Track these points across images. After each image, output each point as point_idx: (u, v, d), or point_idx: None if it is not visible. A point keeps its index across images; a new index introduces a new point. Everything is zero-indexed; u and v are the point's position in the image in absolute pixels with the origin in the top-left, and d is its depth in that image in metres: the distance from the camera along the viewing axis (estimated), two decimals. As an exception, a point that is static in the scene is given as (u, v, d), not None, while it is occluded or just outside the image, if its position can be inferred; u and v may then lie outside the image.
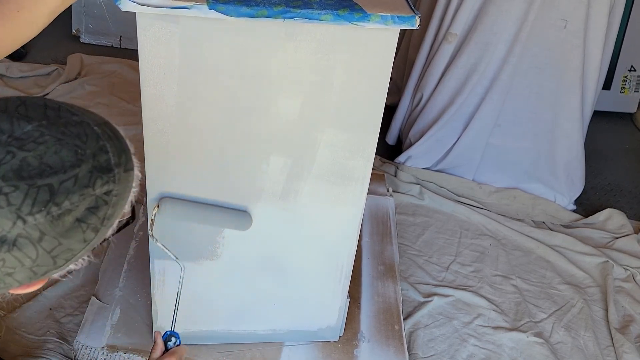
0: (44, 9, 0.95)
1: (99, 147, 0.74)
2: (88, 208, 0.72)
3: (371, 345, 1.68)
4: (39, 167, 0.68)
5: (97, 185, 0.72)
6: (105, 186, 0.73)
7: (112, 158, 0.75)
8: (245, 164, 1.33)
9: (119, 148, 0.77)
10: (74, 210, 0.70)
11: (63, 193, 0.69)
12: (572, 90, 2.35)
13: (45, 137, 0.70)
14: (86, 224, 0.72)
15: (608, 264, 2.20)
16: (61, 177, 0.69)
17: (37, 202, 0.68)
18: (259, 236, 1.44)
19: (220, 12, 1.10)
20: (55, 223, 0.69)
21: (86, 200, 0.71)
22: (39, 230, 0.69)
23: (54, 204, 0.69)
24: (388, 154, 2.65)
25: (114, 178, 0.74)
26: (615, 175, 2.78)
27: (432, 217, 2.33)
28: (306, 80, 1.24)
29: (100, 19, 3.13)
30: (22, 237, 0.68)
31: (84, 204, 0.71)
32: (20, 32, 0.95)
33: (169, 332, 1.30)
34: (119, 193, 0.75)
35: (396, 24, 1.16)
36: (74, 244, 0.72)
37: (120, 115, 2.59)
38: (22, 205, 0.67)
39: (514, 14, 2.24)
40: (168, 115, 1.25)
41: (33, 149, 0.69)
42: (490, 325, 1.93)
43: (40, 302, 1.76)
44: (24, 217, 0.67)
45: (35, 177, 0.68)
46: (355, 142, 1.33)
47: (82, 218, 0.71)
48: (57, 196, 0.69)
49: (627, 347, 1.91)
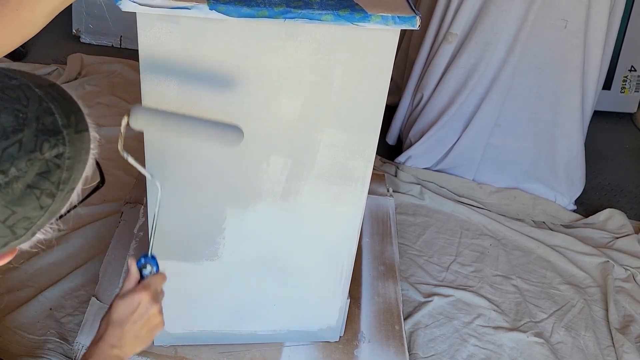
0: (43, 9, 0.95)
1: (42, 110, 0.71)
2: (38, 173, 0.69)
3: (371, 346, 1.68)
4: None
5: (45, 149, 0.69)
6: (54, 149, 0.70)
7: (59, 119, 0.72)
8: (245, 164, 1.33)
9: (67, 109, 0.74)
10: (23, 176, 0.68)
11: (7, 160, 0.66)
12: (572, 90, 2.35)
13: None
14: (39, 189, 0.69)
15: (608, 264, 2.20)
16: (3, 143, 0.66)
17: None
18: (259, 236, 1.45)
19: (220, 12, 1.10)
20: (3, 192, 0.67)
21: (35, 166, 0.68)
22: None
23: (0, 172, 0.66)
24: (388, 154, 2.65)
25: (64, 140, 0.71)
26: (615, 175, 2.78)
27: (432, 217, 2.33)
28: (307, 81, 1.24)
29: (100, 19, 3.14)
30: None
31: (33, 170, 0.68)
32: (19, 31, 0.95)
33: (144, 259, 1.15)
34: (73, 155, 0.72)
35: (397, 24, 1.16)
36: (30, 212, 0.70)
37: (120, 115, 2.57)
38: None
39: (514, 14, 2.24)
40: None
41: None
42: (490, 325, 1.93)
43: (40, 302, 1.76)
44: None
45: None
46: (356, 142, 1.33)
47: (33, 184, 0.69)
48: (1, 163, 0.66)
49: (627, 347, 1.91)
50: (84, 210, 2.05)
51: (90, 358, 1.08)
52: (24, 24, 0.95)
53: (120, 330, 1.09)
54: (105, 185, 0.84)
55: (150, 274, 1.15)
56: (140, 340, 1.12)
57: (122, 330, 1.09)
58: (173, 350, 1.58)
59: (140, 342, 1.12)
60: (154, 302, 1.13)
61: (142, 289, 1.11)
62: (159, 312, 1.14)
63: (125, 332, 1.10)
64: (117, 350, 1.09)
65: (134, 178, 2.14)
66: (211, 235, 1.43)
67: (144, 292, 1.11)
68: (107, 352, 1.08)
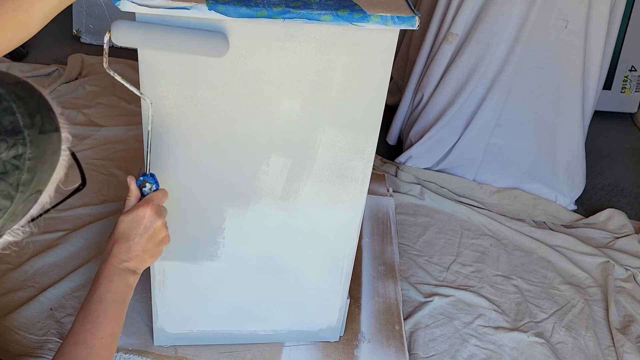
0: (41, 10, 0.95)
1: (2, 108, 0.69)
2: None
3: (371, 346, 1.68)
4: None
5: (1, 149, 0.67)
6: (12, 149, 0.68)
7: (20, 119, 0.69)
8: (245, 165, 1.33)
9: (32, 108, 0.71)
10: None
11: None
12: (572, 90, 2.35)
13: None
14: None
15: (609, 264, 2.20)
16: None
17: None
18: (259, 236, 1.45)
19: (219, 12, 1.10)
20: None
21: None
22: None
23: None
24: (388, 154, 2.65)
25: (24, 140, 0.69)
26: (616, 175, 2.78)
27: (432, 217, 2.33)
28: (306, 81, 1.24)
29: (100, 19, 3.14)
30: None
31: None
32: (17, 32, 0.95)
33: (142, 177, 1.16)
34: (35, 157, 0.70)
35: (396, 24, 1.16)
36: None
37: (120, 115, 2.59)
38: None
39: (515, 14, 2.24)
40: (168, 116, 1.25)
41: None
42: (491, 326, 1.93)
43: (40, 302, 1.76)
44: None
45: None
46: (356, 142, 1.33)
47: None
48: None
49: (628, 347, 1.91)
50: (84, 210, 2.05)
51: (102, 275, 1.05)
52: (21, 24, 0.94)
53: (127, 244, 1.08)
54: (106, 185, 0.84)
55: (150, 191, 1.15)
56: (148, 254, 1.10)
57: (128, 244, 1.08)
58: (173, 350, 1.58)
59: (149, 256, 1.11)
60: (158, 215, 1.12)
61: (144, 204, 1.11)
62: (164, 225, 1.13)
63: (133, 245, 1.08)
64: (127, 263, 1.07)
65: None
66: (211, 235, 1.43)
67: (146, 206, 1.10)
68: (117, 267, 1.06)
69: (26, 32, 0.96)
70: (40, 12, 0.95)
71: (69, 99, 2.68)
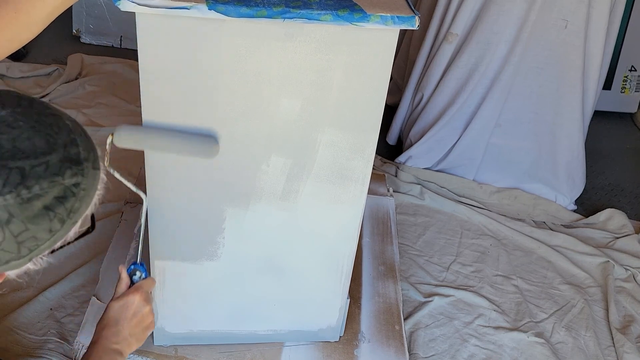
0: (42, 12, 0.95)
1: (70, 140, 0.75)
2: (56, 197, 0.73)
3: (372, 346, 1.68)
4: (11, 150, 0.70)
5: (66, 175, 0.73)
6: (74, 177, 0.74)
7: (82, 152, 0.76)
8: (245, 165, 1.33)
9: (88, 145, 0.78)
10: (43, 196, 0.72)
11: (34, 177, 0.71)
12: (572, 90, 2.35)
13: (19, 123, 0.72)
14: (54, 212, 0.73)
15: (609, 264, 2.20)
16: (32, 162, 0.71)
17: (8, 183, 0.69)
18: (259, 236, 1.45)
19: (219, 12, 1.10)
20: (24, 206, 0.70)
21: (55, 189, 0.72)
22: (8, 211, 0.70)
23: (25, 187, 0.70)
24: (388, 154, 2.65)
25: (83, 172, 0.76)
26: (615, 175, 2.78)
27: (432, 217, 2.33)
28: (306, 81, 1.24)
29: (100, 19, 3.14)
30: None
31: (53, 192, 0.72)
32: (18, 34, 0.95)
33: (133, 265, 1.23)
34: (87, 188, 0.76)
35: (396, 24, 1.16)
36: (39, 232, 0.73)
37: (120, 115, 2.59)
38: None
39: (515, 14, 2.24)
40: (168, 115, 1.25)
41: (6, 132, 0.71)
42: (491, 325, 1.93)
43: (40, 302, 1.76)
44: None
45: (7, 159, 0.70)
46: (356, 142, 1.33)
47: (50, 206, 0.72)
48: (27, 180, 0.70)
49: (627, 347, 1.91)
50: (84, 210, 2.05)
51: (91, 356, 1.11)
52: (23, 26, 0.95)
53: (116, 328, 1.15)
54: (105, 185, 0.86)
55: (139, 279, 1.22)
56: (135, 338, 1.17)
57: (117, 328, 1.15)
58: (173, 350, 1.58)
59: (135, 340, 1.17)
60: (146, 302, 1.19)
61: (134, 290, 1.18)
62: (151, 312, 1.21)
63: (121, 329, 1.15)
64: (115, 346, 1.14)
65: (134, 178, 2.14)
66: (211, 235, 1.43)
67: (136, 293, 1.18)
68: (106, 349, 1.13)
69: (28, 34, 0.96)
70: (41, 14, 0.95)
71: (69, 99, 2.68)
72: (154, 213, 1.37)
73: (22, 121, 0.72)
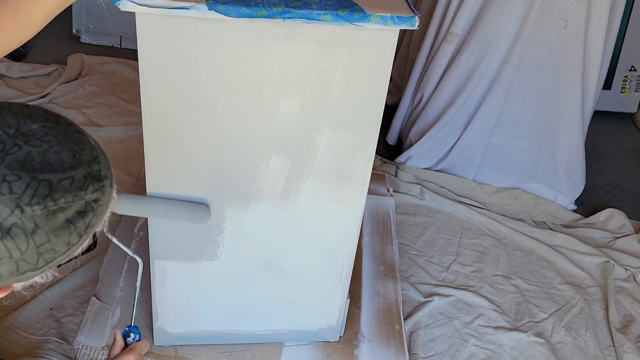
0: (42, 10, 0.95)
1: (93, 157, 0.78)
2: (78, 211, 0.75)
3: (371, 346, 1.68)
4: (41, 163, 0.72)
5: (89, 191, 0.76)
6: (95, 193, 0.77)
7: (102, 169, 0.79)
8: (245, 164, 1.33)
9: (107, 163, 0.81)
10: (67, 209, 0.74)
11: (60, 191, 0.73)
12: (572, 90, 2.35)
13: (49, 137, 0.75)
14: (74, 226, 0.75)
15: (609, 263, 2.20)
16: (60, 175, 0.73)
17: (36, 195, 0.71)
18: (259, 236, 1.45)
19: (219, 12, 1.10)
20: (49, 218, 0.72)
21: (77, 203, 0.75)
22: (34, 222, 0.71)
23: (52, 199, 0.72)
24: (388, 154, 2.65)
25: (103, 188, 0.78)
26: (615, 175, 2.78)
27: (432, 217, 2.33)
28: (306, 81, 1.24)
29: (100, 19, 3.14)
30: (17, 226, 0.70)
31: (75, 206, 0.74)
32: (17, 32, 0.95)
33: (127, 328, 1.29)
34: (103, 204, 0.79)
35: (396, 24, 1.16)
36: (59, 245, 0.75)
37: (120, 115, 2.59)
38: (22, 195, 0.70)
39: (514, 14, 2.24)
40: (168, 115, 1.25)
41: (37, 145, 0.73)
42: (490, 325, 1.93)
43: (40, 302, 1.76)
44: (22, 206, 0.70)
45: (37, 171, 0.72)
46: (356, 142, 1.33)
47: (71, 219, 0.75)
48: (54, 192, 0.72)
49: (627, 347, 1.91)
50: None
51: None
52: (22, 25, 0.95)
53: None
54: None
55: (133, 341, 1.28)
56: None
57: None
58: (173, 350, 1.58)
59: None
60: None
61: (128, 352, 1.24)
62: None
63: None
64: None
65: (134, 178, 2.14)
66: (211, 235, 1.43)
67: (130, 353, 1.23)
68: None
69: (27, 32, 0.96)
70: (41, 13, 0.95)
71: (69, 99, 2.68)
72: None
73: (52, 135, 0.75)
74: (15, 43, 0.96)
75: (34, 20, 0.95)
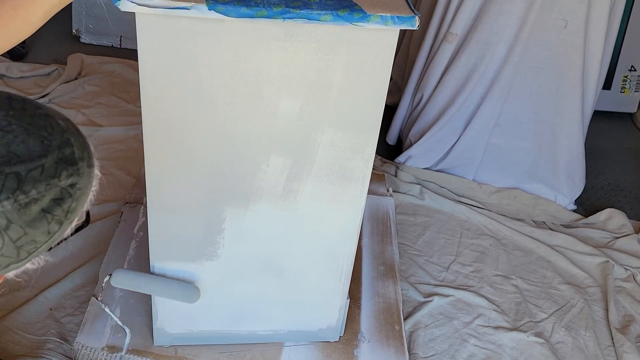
0: (41, 9, 0.95)
1: (64, 140, 0.75)
2: (53, 199, 0.73)
3: (371, 346, 1.68)
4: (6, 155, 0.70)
5: (62, 177, 0.73)
6: (70, 178, 0.74)
7: (76, 151, 0.76)
8: (245, 164, 1.33)
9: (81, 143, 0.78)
10: (40, 199, 0.71)
11: (30, 182, 0.70)
12: (572, 90, 2.35)
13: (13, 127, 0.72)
14: (51, 214, 0.73)
15: (608, 263, 2.20)
16: (28, 165, 0.71)
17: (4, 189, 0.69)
18: (259, 236, 1.45)
19: (219, 12, 1.10)
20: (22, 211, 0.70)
21: (52, 191, 0.72)
22: (6, 218, 0.69)
23: (22, 192, 0.70)
24: (388, 154, 2.65)
25: (79, 171, 0.75)
26: (615, 175, 2.78)
27: (432, 217, 2.33)
28: (306, 81, 1.24)
29: (100, 19, 3.14)
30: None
31: (50, 195, 0.72)
32: (16, 30, 0.95)
33: None
34: (82, 187, 0.76)
35: (396, 25, 1.16)
36: (38, 235, 0.73)
37: (120, 115, 2.59)
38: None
39: (514, 14, 2.24)
40: (168, 115, 1.25)
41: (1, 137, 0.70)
42: (490, 325, 1.93)
43: (40, 302, 1.76)
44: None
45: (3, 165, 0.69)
46: (355, 142, 1.33)
47: (47, 209, 0.72)
48: (24, 184, 0.70)
49: (627, 346, 1.91)
50: (84, 210, 2.05)
51: None
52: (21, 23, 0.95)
53: None
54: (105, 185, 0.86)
55: None
56: None
57: None
58: (173, 350, 1.58)
59: None
60: None
61: None
62: None
63: None
64: None
65: (134, 178, 2.14)
66: (211, 235, 1.43)
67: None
68: None
69: (26, 31, 0.97)
70: (40, 11, 0.95)
71: (69, 98, 2.68)
72: (154, 213, 1.37)
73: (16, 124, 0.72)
74: (13, 41, 0.96)
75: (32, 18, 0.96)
